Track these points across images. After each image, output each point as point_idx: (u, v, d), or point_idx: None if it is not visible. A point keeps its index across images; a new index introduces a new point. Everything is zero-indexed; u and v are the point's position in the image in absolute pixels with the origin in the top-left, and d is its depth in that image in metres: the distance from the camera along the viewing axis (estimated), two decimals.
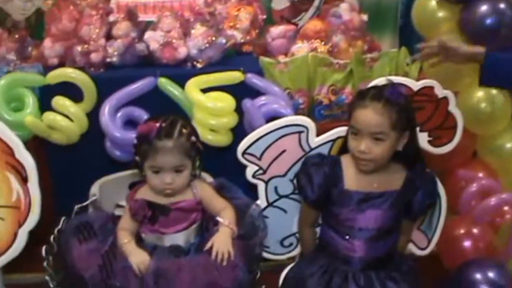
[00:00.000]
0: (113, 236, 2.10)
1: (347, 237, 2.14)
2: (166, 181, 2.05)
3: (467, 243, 2.68)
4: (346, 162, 2.17)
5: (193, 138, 2.10)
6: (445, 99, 2.40)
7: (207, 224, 2.17)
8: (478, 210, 2.66)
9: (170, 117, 2.10)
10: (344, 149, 2.21)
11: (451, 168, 2.80)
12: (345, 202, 2.14)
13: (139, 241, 2.11)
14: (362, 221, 2.13)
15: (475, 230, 2.65)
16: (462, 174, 2.80)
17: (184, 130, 2.07)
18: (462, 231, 2.70)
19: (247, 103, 2.52)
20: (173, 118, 2.10)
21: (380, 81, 2.24)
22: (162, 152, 2.02)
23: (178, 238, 2.10)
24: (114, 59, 2.73)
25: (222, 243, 2.04)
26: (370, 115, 2.03)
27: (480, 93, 2.65)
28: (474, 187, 2.71)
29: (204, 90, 2.57)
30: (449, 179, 2.75)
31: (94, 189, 2.35)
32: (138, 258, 2.00)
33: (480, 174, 2.78)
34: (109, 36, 2.78)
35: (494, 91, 2.63)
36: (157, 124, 2.04)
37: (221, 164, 2.41)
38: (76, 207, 2.23)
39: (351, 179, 2.15)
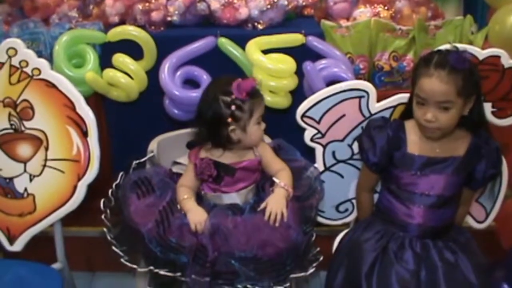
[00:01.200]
0: (171, 192, 2.12)
1: (406, 202, 2.12)
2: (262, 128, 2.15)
3: None
4: (409, 127, 2.14)
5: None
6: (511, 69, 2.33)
7: (263, 184, 2.17)
8: None
9: (235, 77, 2.10)
10: (405, 115, 2.18)
11: None
12: (407, 165, 2.12)
13: (198, 200, 2.12)
14: (424, 186, 2.10)
15: None
16: None
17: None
18: None
19: (307, 65, 2.48)
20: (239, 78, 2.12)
21: (444, 47, 2.18)
22: (257, 104, 2.09)
23: (237, 197, 2.12)
24: (175, 18, 2.72)
25: (276, 203, 2.03)
26: (435, 84, 1.98)
27: None
28: None
29: (264, 52, 2.55)
30: (509, 153, 2.69)
31: (152, 146, 2.36)
32: (196, 216, 2.01)
33: None
34: None
35: None
36: (251, 79, 2.08)
37: (280, 126, 2.39)
38: (134, 162, 2.25)
39: (414, 143, 2.13)
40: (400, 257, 2.08)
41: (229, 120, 2.06)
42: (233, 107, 2.05)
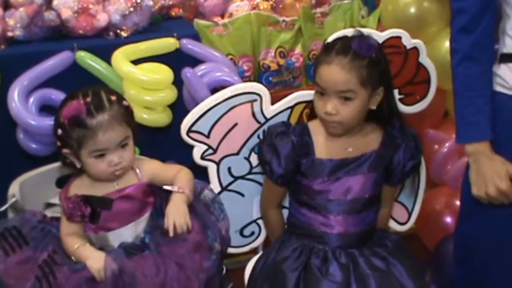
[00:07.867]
0: (51, 240, 2.03)
1: (322, 212, 2.15)
2: (115, 162, 1.98)
3: (448, 218, 2.77)
4: (314, 128, 2.18)
5: (125, 102, 2.04)
6: (415, 49, 2.42)
7: (160, 207, 2.11)
8: (451, 173, 2.73)
9: (88, 89, 2.02)
10: (311, 115, 2.22)
11: (421, 130, 2.83)
12: (317, 172, 2.15)
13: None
14: (339, 191, 2.15)
15: (457, 202, 2.65)
16: (431, 135, 2.88)
17: (112, 97, 2.01)
18: (441, 203, 2.78)
19: (187, 72, 2.46)
20: (92, 89, 2.03)
21: (347, 32, 2.22)
22: (102, 129, 1.94)
23: (125, 233, 2.05)
24: (17, 32, 2.60)
25: (175, 212, 1.97)
26: (335, 72, 2.03)
27: (448, 43, 2.67)
28: (446, 148, 2.78)
29: (134, 63, 2.50)
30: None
31: (13, 189, 2.25)
32: (98, 263, 1.92)
33: (454, 136, 2.82)
34: (7, 5, 2.67)
35: None
36: (82, 101, 1.96)
37: (161, 147, 2.38)
38: None
39: (323, 146, 2.17)
40: (325, 271, 2.10)
41: (59, 143, 2.02)
42: (59, 131, 1.99)
